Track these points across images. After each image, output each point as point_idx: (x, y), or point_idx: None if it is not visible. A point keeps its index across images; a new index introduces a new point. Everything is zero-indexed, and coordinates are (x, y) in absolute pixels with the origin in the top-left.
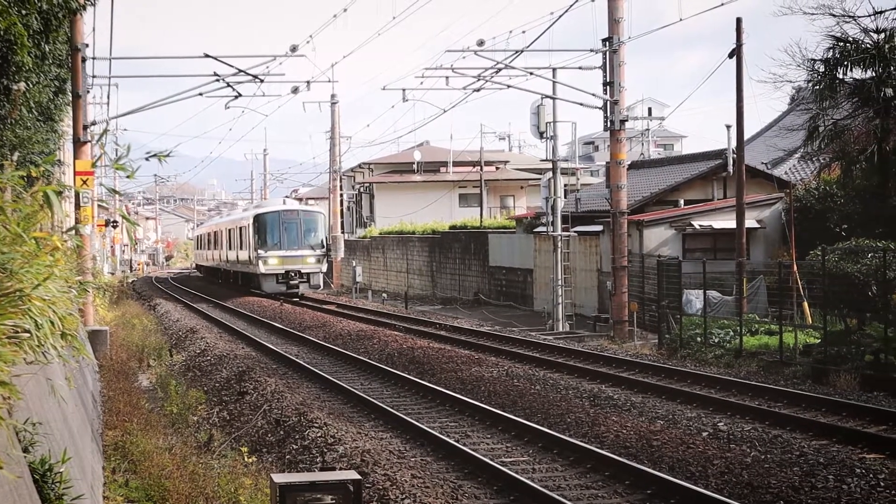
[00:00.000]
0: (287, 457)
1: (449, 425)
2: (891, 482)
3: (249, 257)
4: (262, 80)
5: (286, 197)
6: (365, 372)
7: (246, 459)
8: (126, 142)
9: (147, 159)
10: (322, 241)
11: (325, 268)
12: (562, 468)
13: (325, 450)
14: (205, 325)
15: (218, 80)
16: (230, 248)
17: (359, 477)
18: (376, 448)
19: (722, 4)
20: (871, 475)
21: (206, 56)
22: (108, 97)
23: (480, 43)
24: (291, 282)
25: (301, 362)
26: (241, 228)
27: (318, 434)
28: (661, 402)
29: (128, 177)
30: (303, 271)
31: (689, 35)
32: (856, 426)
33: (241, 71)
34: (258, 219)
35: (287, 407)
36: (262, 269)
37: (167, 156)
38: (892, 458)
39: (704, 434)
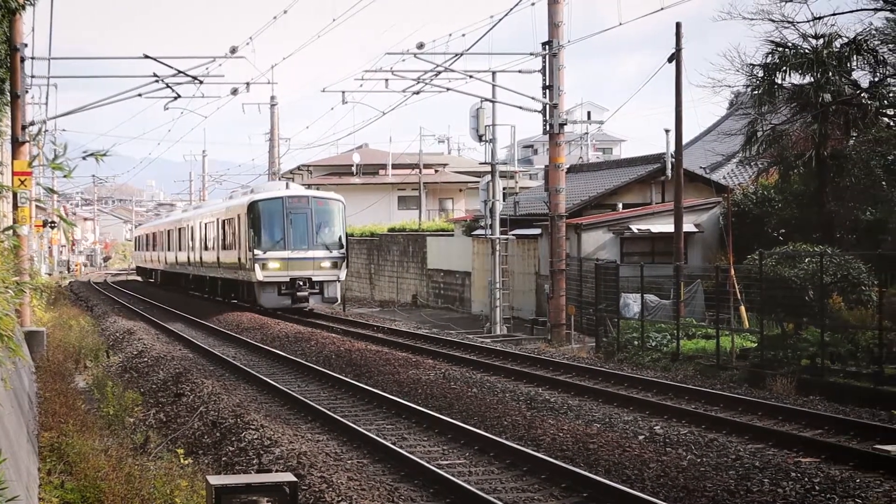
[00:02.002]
0: (223, 458)
1: (386, 427)
2: (826, 486)
3: (240, 260)
4: (201, 82)
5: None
6: (302, 374)
7: (182, 461)
8: (64, 142)
9: (84, 158)
10: (340, 239)
11: (343, 275)
12: (498, 471)
13: (262, 452)
14: (143, 327)
15: (157, 81)
16: (206, 248)
17: (295, 479)
18: (313, 450)
19: (661, 9)
20: (807, 479)
21: (146, 57)
22: (48, 97)
23: (420, 46)
24: (299, 293)
25: (238, 364)
26: (224, 222)
27: (255, 436)
28: (598, 406)
29: (65, 176)
30: (314, 279)
31: (629, 39)
32: (792, 430)
33: (180, 72)
34: (254, 208)
35: (224, 409)
36: (259, 275)
37: (104, 155)
38: (828, 462)
39: (641, 437)
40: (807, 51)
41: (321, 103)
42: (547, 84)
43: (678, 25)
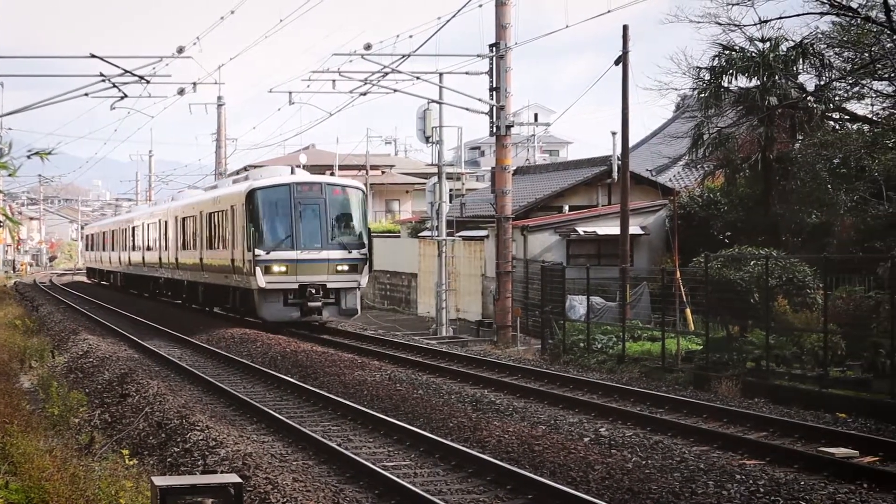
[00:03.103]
0: (168, 459)
1: (331, 429)
2: (771, 488)
3: (233, 262)
4: (148, 82)
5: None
6: (248, 375)
7: (127, 462)
8: (10, 141)
9: (29, 157)
10: (361, 236)
11: (365, 280)
12: (443, 472)
13: (207, 453)
14: (87, 327)
15: (104, 81)
16: (183, 248)
17: (240, 480)
18: (258, 451)
19: (609, 11)
20: (752, 481)
21: (93, 56)
22: None
23: (367, 47)
24: (310, 303)
25: (184, 365)
26: (211, 216)
27: (200, 437)
28: (544, 408)
29: (10, 175)
30: (329, 286)
31: (577, 42)
32: (736, 432)
33: (126, 72)
34: (254, 198)
35: (169, 409)
36: (260, 281)
37: (49, 154)
38: (772, 465)
39: (586, 439)
40: (753, 54)
41: (268, 104)
42: (494, 86)
43: (625, 28)
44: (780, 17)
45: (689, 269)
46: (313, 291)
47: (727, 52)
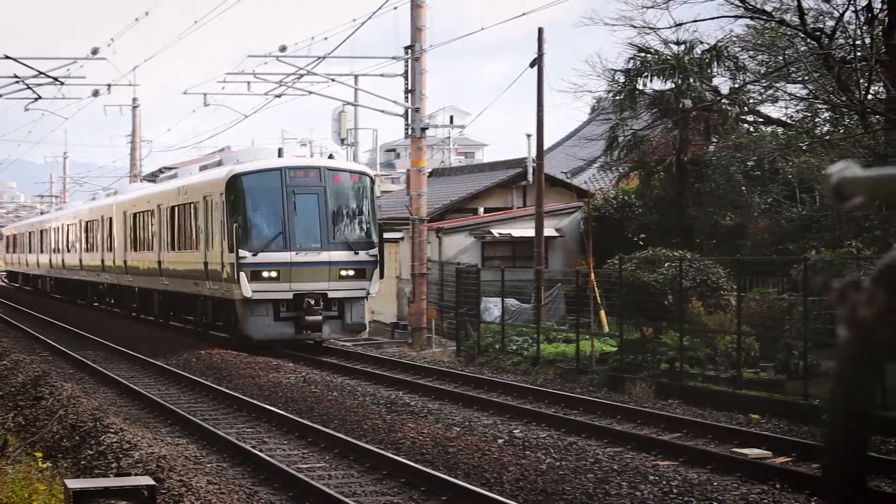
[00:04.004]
0: (82, 462)
1: (246, 431)
2: (684, 489)
3: (207, 265)
4: (62, 83)
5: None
6: (162, 378)
7: (41, 465)
8: None
9: None
10: (370, 232)
11: (375, 288)
12: (358, 474)
13: (121, 455)
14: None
15: (18, 82)
16: (135, 249)
17: (153, 483)
18: (172, 454)
19: (523, 14)
20: (665, 482)
21: (6, 57)
22: None
23: (283, 49)
24: (309, 316)
25: (98, 367)
26: (175, 210)
27: (114, 440)
28: (458, 409)
29: None
30: (331, 295)
31: (494, 44)
32: (650, 433)
33: (41, 73)
34: (237, 185)
35: (83, 412)
36: (245, 289)
37: None
38: (686, 465)
39: (500, 441)
40: (668, 57)
41: (183, 106)
42: (409, 88)
43: (540, 31)
44: (695, 21)
45: (603, 271)
46: (312, 303)
47: (642, 54)
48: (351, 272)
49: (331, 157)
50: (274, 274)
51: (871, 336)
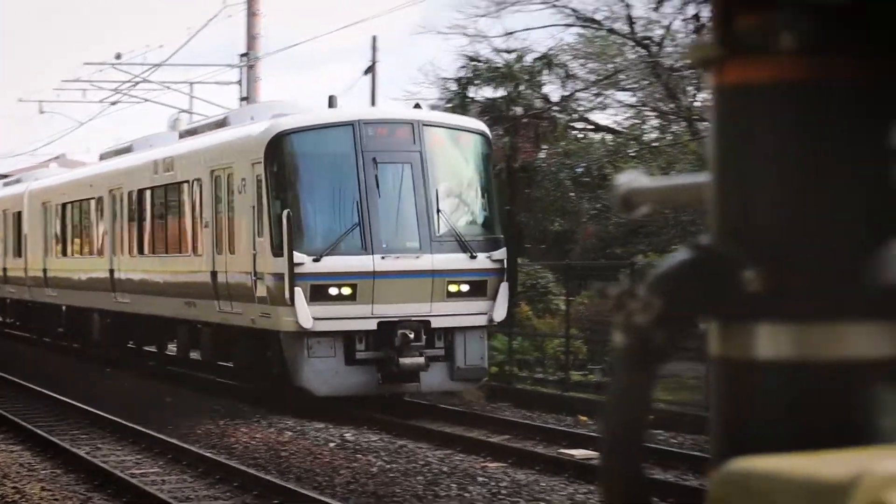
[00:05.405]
0: None
1: (80, 437)
2: (512, 490)
3: (219, 277)
4: None
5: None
6: None
7: None
8: None
9: None
10: (492, 223)
11: (502, 312)
12: (191, 479)
13: None
14: None
15: None
16: (78, 250)
17: None
18: (6, 461)
19: (357, 22)
20: (493, 483)
21: None
22: None
23: (118, 56)
24: (404, 359)
25: None
26: (156, 193)
27: None
28: (289, 415)
29: None
30: (435, 323)
31: (334, 51)
32: (479, 436)
33: None
34: (284, 147)
35: None
36: (302, 315)
37: None
38: (514, 467)
39: (332, 444)
40: (499, 65)
41: (17, 113)
42: (244, 95)
43: (374, 39)
44: (527, 29)
45: None
46: (408, 334)
47: (473, 62)
48: (465, 287)
49: (417, 105)
50: (347, 291)
51: (647, 343)
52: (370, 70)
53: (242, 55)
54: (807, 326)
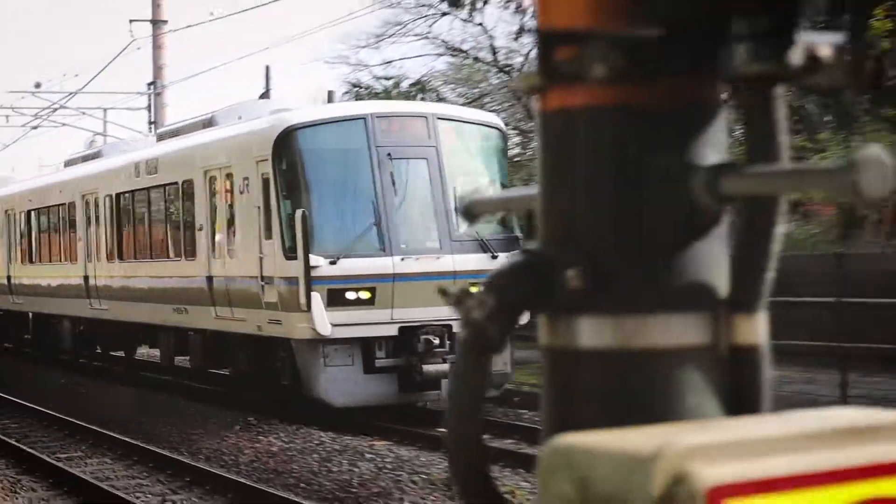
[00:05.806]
0: None
1: (10, 426)
2: (396, 464)
3: (212, 281)
4: None
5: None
6: None
7: None
8: None
9: None
10: (511, 222)
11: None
12: (111, 461)
13: None
14: None
15: None
16: (50, 257)
17: None
18: None
19: (252, 54)
20: (380, 459)
21: None
22: None
23: (37, 85)
24: (427, 365)
25: None
26: (140, 197)
27: None
28: (195, 402)
29: None
30: (458, 327)
31: (234, 78)
32: (366, 419)
33: None
34: (294, 143)
35: None
36: (320, 321)
37: None
38: (398, 444)
39: (237, 427)
40: (378, 90)
41: None
42: (152, 120)
43: (267, 68)
44: (403, 58)
45: None
46: (431, 340)
47: (356, 88)
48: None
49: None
50: (365, 294)
51: (484, 335)
52: (265, 96)
53: (149, 84)
54: (620, 319)
